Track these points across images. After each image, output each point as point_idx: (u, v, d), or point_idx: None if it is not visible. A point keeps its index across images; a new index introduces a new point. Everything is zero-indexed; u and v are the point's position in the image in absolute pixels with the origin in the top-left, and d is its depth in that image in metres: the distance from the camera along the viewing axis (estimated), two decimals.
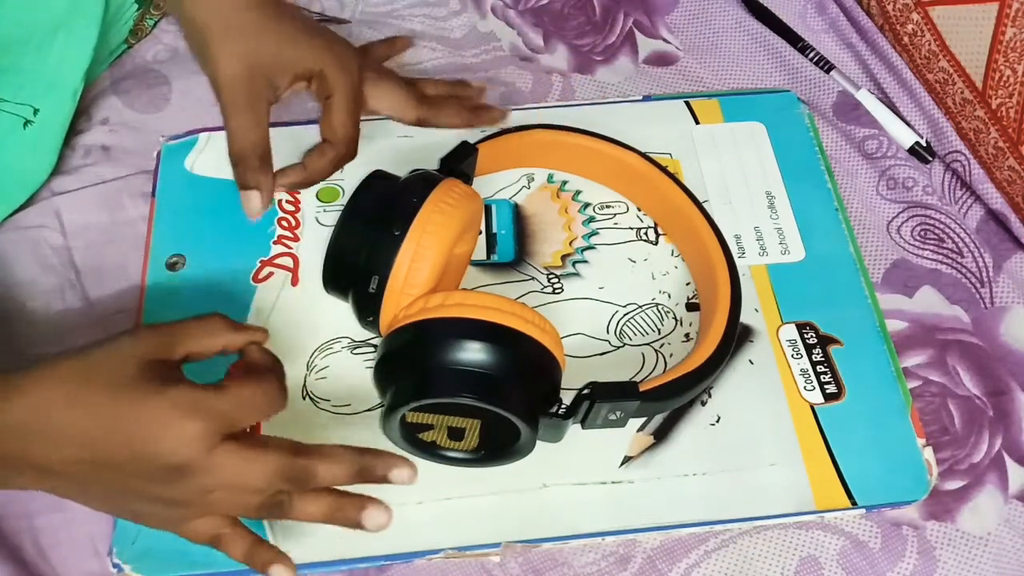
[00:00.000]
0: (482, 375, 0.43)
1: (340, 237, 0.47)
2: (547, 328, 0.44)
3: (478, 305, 0.43)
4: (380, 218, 0.46)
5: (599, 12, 0.68)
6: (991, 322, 0.55)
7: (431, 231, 0.45)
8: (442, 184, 0.47)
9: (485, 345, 0.42)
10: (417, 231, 0.45)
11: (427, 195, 0.46)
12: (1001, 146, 0.59)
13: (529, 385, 0.44)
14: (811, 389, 0.51)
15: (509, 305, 0.44)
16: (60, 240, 0.56)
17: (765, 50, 0.66)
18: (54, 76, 0.56)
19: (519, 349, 0.43)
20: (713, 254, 0.51)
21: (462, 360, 0.43)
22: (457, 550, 0.46)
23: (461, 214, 0.47)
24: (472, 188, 0.49)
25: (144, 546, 0.46)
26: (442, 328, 0.43)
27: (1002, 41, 0.56)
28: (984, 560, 0.48)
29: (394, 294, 0.45)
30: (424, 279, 0.45)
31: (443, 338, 0.43)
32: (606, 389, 0.45)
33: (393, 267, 0.45)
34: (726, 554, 0.48)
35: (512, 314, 0.43)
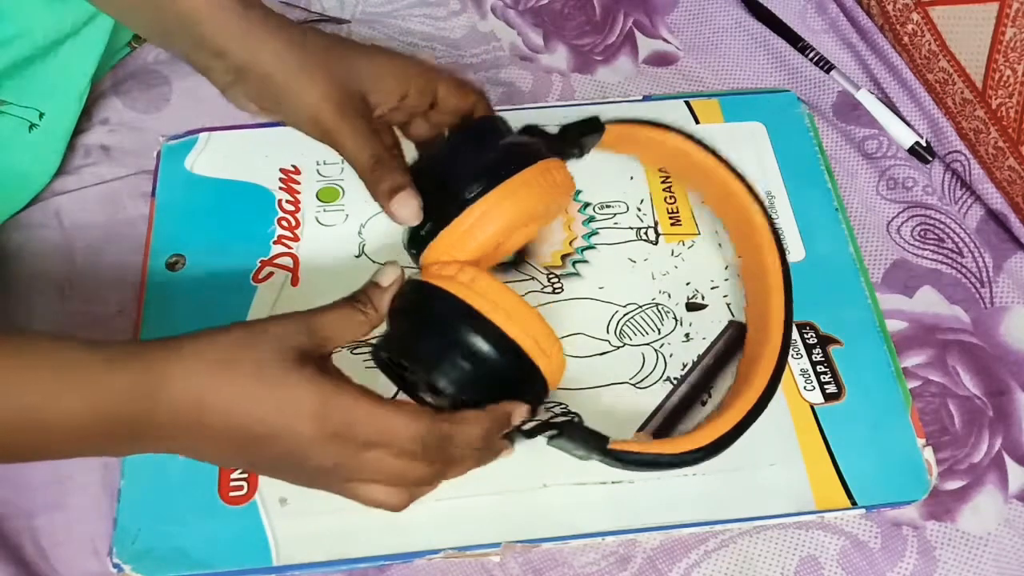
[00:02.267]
0: (464, 370, 0.42)
1: (434, 163, 0.46)
2: (551, 352, 0.43)
3: (495, 303, 0.42)
4: (471, 166, 0.44)
5: (599, 12, 0.68)
6: (991, 322, 0.55)
7: (505, 207, 0.44)
8: (543, 164, 0.45)
9: (480, 343, 0.42)
10: (493, 200, 0.43)
11: (523, 166, 0.44)
12: (1001, 146, 0.59)
13: (503, 396, 0.42)
14: (811, 389, 0.51)
15: (523, 316, 0.42)
16: (60, 240, 0.56)
17: (765, 50, 0.66)
18: (60, 81, 0.56)
19: (509, 361, 0.42)
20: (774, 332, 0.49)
21: (451, 346, 0.42)
22: (457, 550, 0.46)
23: (544, 202, 0.45)
24: (570, 177, 0.47)
25: (144, 546, 0.46)
26: (452, 307, 0.42)
27: (1002, 41, 0.56)
28: (984, 560, 0.48)
29: (440, 247, 0.44)
30: (473, 248, 0.44)
31: (447, 317, 0.42)
32: (576, 432, 0.43)
33: (450, 224, 0.44)
34: (726, 554, 0.48)
35: (520, 327, 0.42)
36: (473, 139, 0.46)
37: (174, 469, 0.47)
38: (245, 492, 0.47)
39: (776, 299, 0.49)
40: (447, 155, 0.46)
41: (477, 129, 0.47)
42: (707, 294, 0.54)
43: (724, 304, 0.53)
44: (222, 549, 0.46)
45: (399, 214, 0.44)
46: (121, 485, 0.47)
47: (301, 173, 0.57)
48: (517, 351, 0.42)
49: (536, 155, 0.45)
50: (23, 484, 0.49)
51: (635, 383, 0.51)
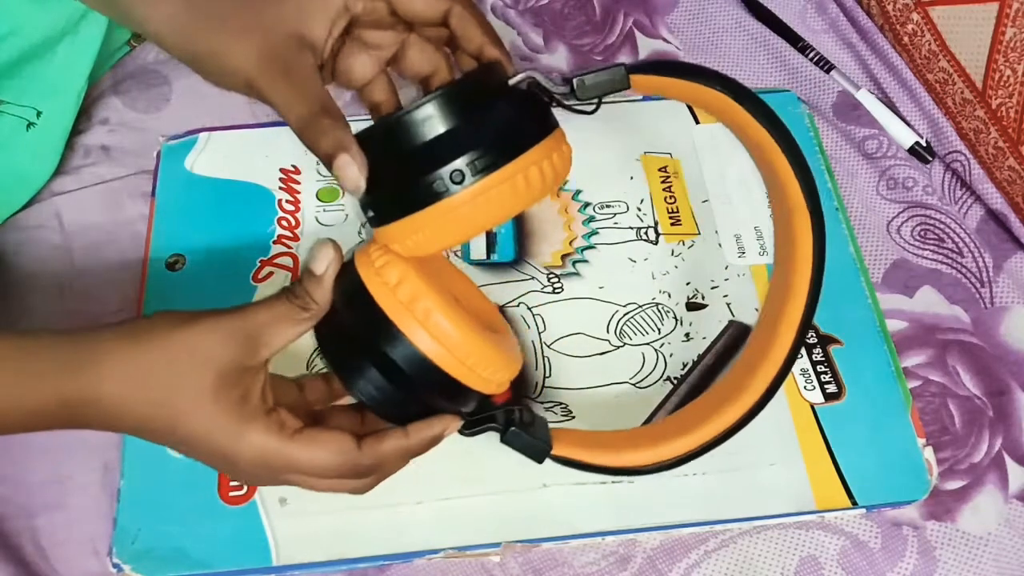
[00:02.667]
0: (379, 386, 0.39)
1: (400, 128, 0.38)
2: (477, 367, 0.39)
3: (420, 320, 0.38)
4: (442, 146, 0.37)
5: (599, 12, 0.68)
6: (991, 322, 0.55)
7: (476, 212, 0.37)
8: (535, 152, 0.38)
9: (397, 362, 0.38)
10: (464, 202, 0.37)
11: (510, 155, 0.37)
12: (1001, 146, 0.59)
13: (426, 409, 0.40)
14: (811, 389, 0.51)
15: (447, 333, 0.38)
16: (60, 240, 0.56)
17: (765, 50, 0.66)
18: (58, 80, 0.56)
19: (428, 380, 0.39)
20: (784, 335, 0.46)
21: (368, 360, 0.39)
22: (457, 550, 0.46)
23: (527, 203, 0.39)
24: (568, 158, 0.40)
25: (144, 546, 0.46)
26: (373, 320, 0.38)
27: (1002, 41, 0.56)
28: (984, 560, 0.48)
29: (392, 232, 0.39)
30: (432, 248, 0.39)
31: (368, 331, 0.39)
32: (516, 441, 0.42)
33: (406, 218, 0.38)
34: (726, 554, 0.48)
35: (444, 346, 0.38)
36: (452, 103, 0.38)
37: (174, 469, 0.47)
38: (245, 492, 0.47)
39: (793, 309, 0.46)
40: (417, 120, 0.37)
41: (459, 89, 0.38)
42: (707, 294, 0.54)
43: (724, 304, 0.53)
44: (222, 549, 0.46)
45: (339, 182, 0.39)
46: (121, 485, 0.47)
47: (301, 173, 0.57)
48: (435, 371, 0.38)
49: (531, 134, 0.38)
50: (23, 484, 0.49)
51: (635, 383, 0.51)
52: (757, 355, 0.47)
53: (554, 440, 0.44)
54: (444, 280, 0.45)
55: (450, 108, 0.37)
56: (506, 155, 0.37)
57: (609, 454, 0.45)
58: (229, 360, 0.37)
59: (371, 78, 0.47)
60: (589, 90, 0.40)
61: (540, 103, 0.40)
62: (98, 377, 0.37)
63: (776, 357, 0.45)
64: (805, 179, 0.44)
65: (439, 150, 0.37)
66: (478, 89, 0.39)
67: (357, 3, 0.42)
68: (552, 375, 0.51)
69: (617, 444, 0.46)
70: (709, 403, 0.48)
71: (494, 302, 0.53)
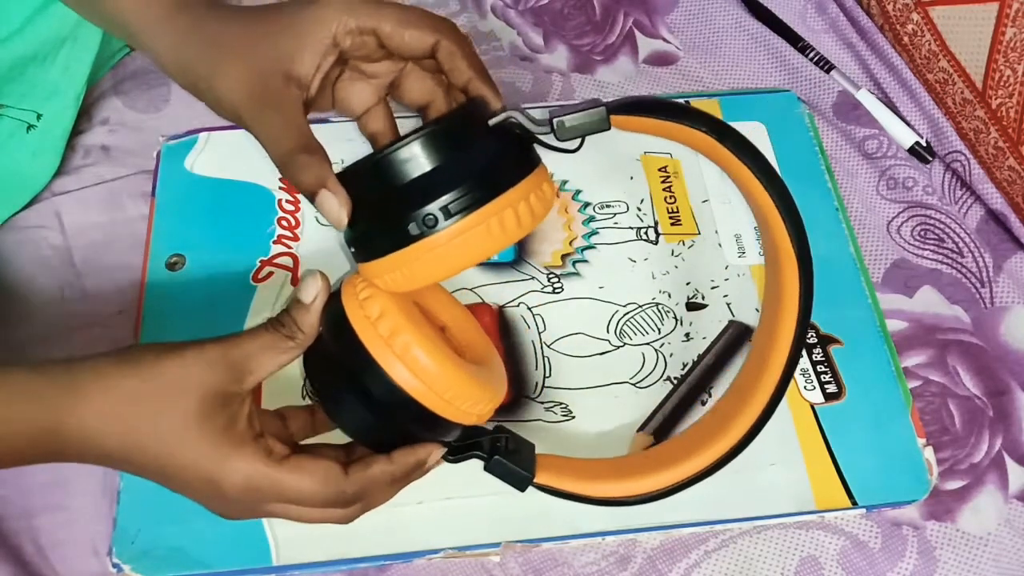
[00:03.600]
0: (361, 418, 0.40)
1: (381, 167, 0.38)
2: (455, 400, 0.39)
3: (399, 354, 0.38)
4: (421, 188, 0.37)
5: (599, 12, 0.68)
6: (991, 322, 0.55)
7: (455, 254, 0.38)
8: (515, 192, 0.38)
9: (375, 395, 0.39)
10: (441, 244, 0.37)
11: (488, 196, 0.37)
12: (1001, 146, 0.59)
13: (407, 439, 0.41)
14: (811, 389, 0.51)
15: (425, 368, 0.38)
16: (60, 240, 0.56)
17: (765, 50, 0.66)
18: (58, 83, 0.56)
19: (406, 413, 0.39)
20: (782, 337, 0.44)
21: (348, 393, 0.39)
22: (457, 550, 0.46)
23: (508, 242, 0.39)
24: (552, 194, 0.41)
25: (144, 546, 0.46)
26: (355, 355, 0.38)
27: (1002, 41, 0.56)
28: (984, 560, 0.48)
29: (374, 269, 0.39)
30: (411, 285, 0.39)
31: (349, 364, 0.39)
32: (497, 469, 0.42)
33: (386, 257, 0.38)
34: (726, 554, 0.48)
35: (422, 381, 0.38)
36: (431, 145, 0.38)
37: None
38: None
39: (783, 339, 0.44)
40: (395, 162, 0.38)
41: (438, 130, 0.39)
42: (707, 294, 0.54)
43: (724, 304, 0.53)
44: (222, 549, 0.46)
45: (327, 217, 0.40)
46: (121, 485, 0.47)
47: None
48: (414, 404, 0.39)
49: (507, 176, 0.38)
50: (23, 484, 0.49)
51: (635, 383, 0.51)
52: (744, 393, 0.46)
53: (539, 468, 0.43)
54: (434, 310, 0.45)
55: (429, 149, 0.38)
56: (481, 199, 0.37)
57: (594, 484, 0.45)
58: (214, 387, 0.37)
59: (370, 107, 0.48)
60: (569, 131, 0.40)
61: (521, 141, 0.40)
62: (79, 408, 0.37)
63: (759, 401, 0.45)
64: (792, 221, 0.43)
65: (416, 192, 0.37)
66: (458, 130, 0.39)
67: (346, 38, 0.43)
68: (552, 375, 0.51)
69: (603, 474, 0.45)
70: (696, 435, 0.47)
71: (494, 303, 0.53)
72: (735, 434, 0.44)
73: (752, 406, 0.45)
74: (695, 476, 0.44)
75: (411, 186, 0.38)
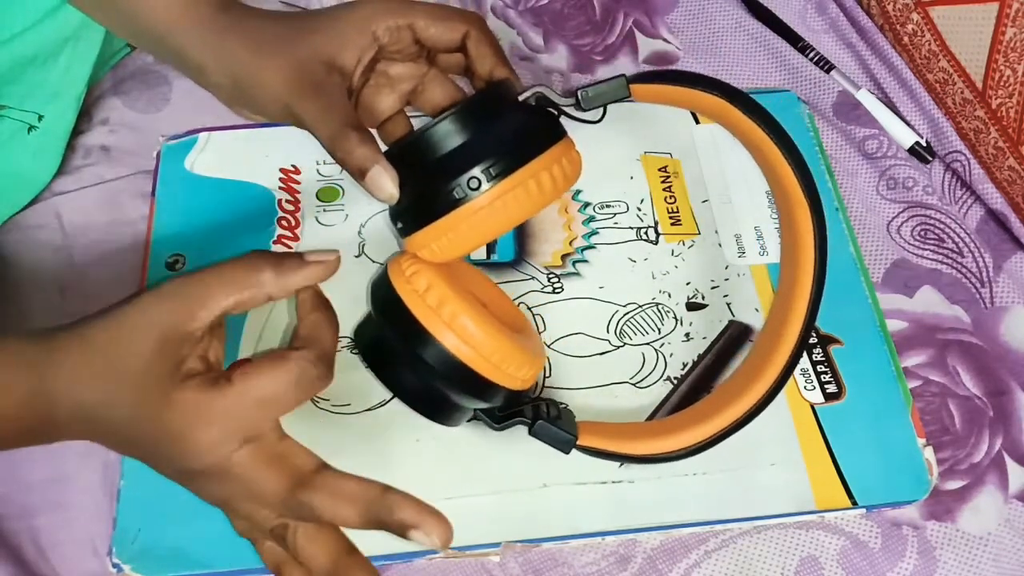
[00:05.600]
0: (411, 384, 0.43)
1: (423, 143, 0.41)
2: (503, 365, 0.42)
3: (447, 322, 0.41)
4: (461, 156, 0.40)
5: (599, 12, 0.68)
6: (991, 322, 0.55)
7: (494, 215, 0.41)
8: (545, 157, 0.41)
9: (426, 362, 0.41)
10: (482, 206, 0.40)
11: (521, 161, 0.40)
12: (1001, 146, 0.59)
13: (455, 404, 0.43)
14: (811, 389, 0.51)
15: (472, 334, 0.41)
16: (60, 240, 0.56)
17: (765, 50, 0.66)
18: (59, 84, 0.56)
19: (456, 379, 0.41)
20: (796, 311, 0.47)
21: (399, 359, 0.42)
22: (457, 550, 0.46)
23: (543, 204, 0.42)
24: (578, 161, 0.44)
25: (144, 546, 0.46)
26: (404, 323, 0.41)
27: (1002, 41, 0.56)
28: (984, 560, 0.48)
29: (419, 240, 0.42)
30: (456, 251, 0.42)
31: (398, 332, 0.42)
32: (542, 433, 0.44)
33: (431, 225, 0.41)
34: (726, 554, 0.48)
35: (470, 346, 0.41)
36: (468, 119, 0.42)
37: None
38: None
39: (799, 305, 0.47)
40: (437, 135, 0.41)
41: (473, 105, 0.42)
42: (707, 294, 0.54)
43: (724, 304, 0.53)
44: (222, 549, 0.46)
45: (373, 194, 0.42)
46: (121, 485, 0.47)
47: (301, 173, 0.57)
48: (463, 369, 0.41)
49: (540, 142, 0.42)
50: (23, 483, 0.49)
51: (635, 383, 0.51)
52: (771, 342, 0.48)
53: (580, 431, 0.45)
54: (472, 286, 0.47)
55: (465, 123, 0.41)
56: (518, 162, 0.40)
57: (634, 443, 0.46)
58: (168, 325, 0.37)
59: (392, 114, 0.50)
60: (592, 100, 0.44)
61: (548, 114, 0.43)
62: (56, 363, 0.37)
63: (789, 340, 0.47)
64: (803, 175, 0.47)
65: (457, 161, 0.40)
66: (490, 105, 0.43)
67: (385, 34, 0.45)
68: (552, 375, 0.51)
69: (641, 434, 0.47)
70: (727, 391, 0.48)
71: None
72: (765, 383, 0.46)
73: (778, 355, 0.46)
74: (729, 428, 0.46)
75: (453, 156, 0.41)
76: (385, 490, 0.38)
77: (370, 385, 0.47)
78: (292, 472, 0.38)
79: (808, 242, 0.47)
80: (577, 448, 0.45)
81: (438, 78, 0.50)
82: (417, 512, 0.37)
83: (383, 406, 0.49)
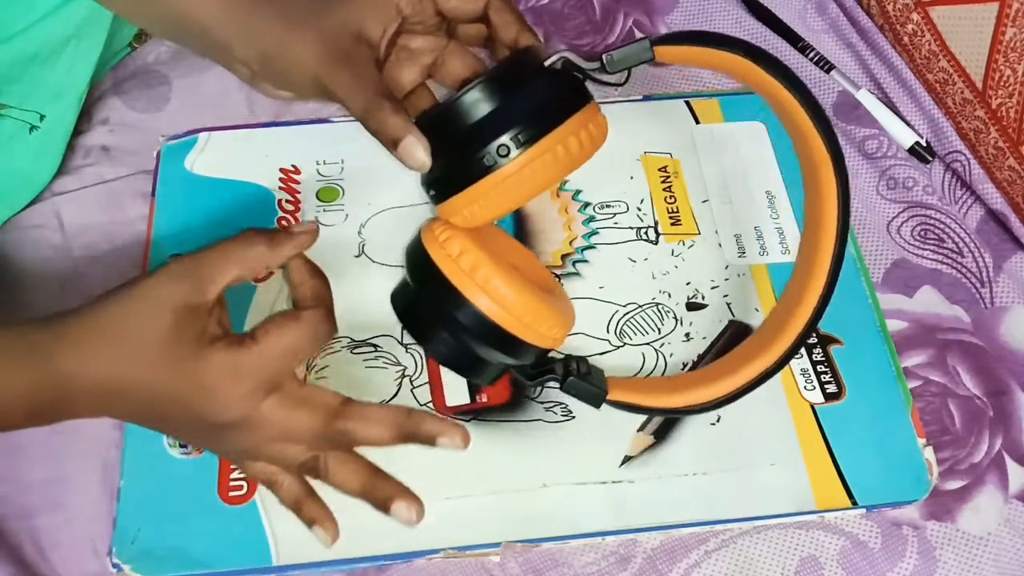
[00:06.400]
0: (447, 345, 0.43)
1: (452, 112, 0.41)
2: (535, 325, 0.43)
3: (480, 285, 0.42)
4: (491, 123, 0.41)
5: (599, 12, 0.68)
6: (991, 322, 0.55)
7: (526, 179, 0.41)
8: (573, 121, 0.41)
9: (460, 322, 0.42)
10: (513, 171, 0.40)
11: (550, 126, 0.41)
12: (1001, 146, 0.59)
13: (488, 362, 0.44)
14: (811, 389, 0.51)
15: (505, 295, 0.42)
16: (60, 240, 0.56)
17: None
18: (61, 84, 0.56)
19: (491, 339, 0.43)
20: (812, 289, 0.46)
21: (435, 321, 0.43)
22: (457, 550, 0.46)
23: (572, 167, 0.42)
24: (604, 124, 0.44)
25: (144, 546, 0.46)
26: (437, 285, 0.42)
27: (1002, 41, 0.56)
28: (984, 560, 0.48)
29: (452, 206, 0.42)
30: (488, 216, 0.42)
31: (433, 294, 0.43)
32: (572, 389, 0.45)
33: (464, 191, 0.41)
34: (726, 554, 0.48)
35: (503, 307, 0.42)
36: (496, 87, 0.42)
37: (174, 469, 0.47)
38: (245, 492, 0.47)
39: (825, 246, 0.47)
40: (467, 104, 0.42)
41: (501, 73, 0.42)
42: (707, 294, 0.54)
43: (724, 304, 0.53)
44: (222, 549, 0.46)
45: (405, 163, 0.42)
46: (121, 485, 0.47)
47: (301, 173, 0.57)
48: (496, 329, 0.42)
49: (567, 107, 0.42)
50: (23, 484, 0.49)
51: None
52: (793, 298, 0.47)
53: (610, 387, 0.45)
54: (503, 250, 0.48)
55: (493, 91, 0.41)
56: (546, 128, 0.41)
57: (662, 396, 0.46)
58: (182, 300, 0.39)
59: (415, 87, 0.50)
60: (617, 64, 0.43)
61: (574, 80, 0.43)
62: (69, 341, 0.38)
63: (812, 294, 0.46)
64: (827, 133, 0.46)
65: (487, 129, 0.41)
66: (517, 72, 0.43)
67: (407, 5, 0.45)
68: None
69: (668, 388, 0.47)
70: (751, 347, 0.48)
71: None
72: (793, 332, 0.46)
73: (804, 307, 0.46)
74: (756, 380, 0.46)
75: (482, 124, 0.41)
76: (409, 411, 0.42)
77: (371, 384, 0.47)
78: (324, 407, 0.41)
79: (832, 197, 0.46)
80: (608, 403, 0.45)
81: (459, 50, 0.49)
82: (439, 424, 0.42)
83: None
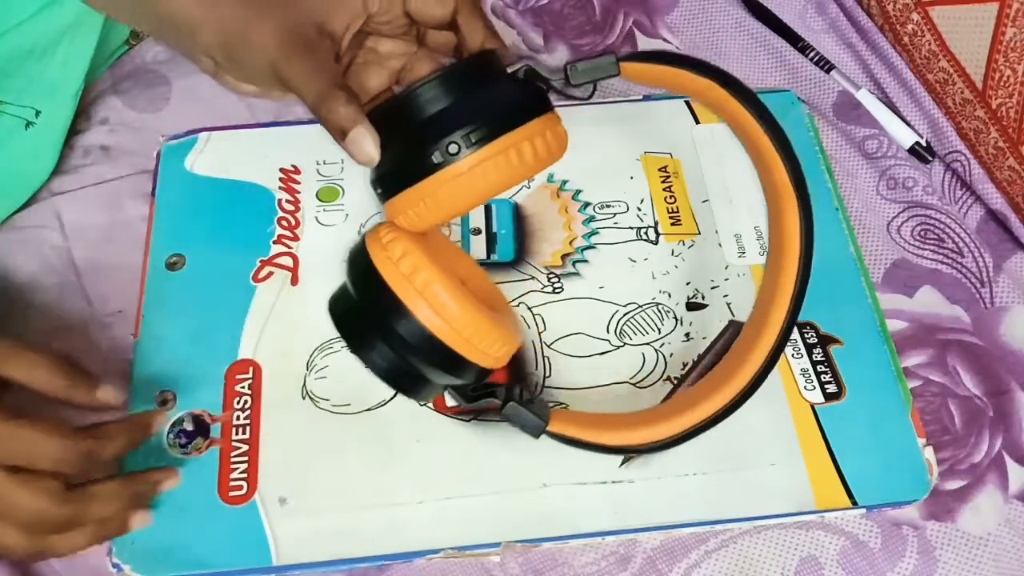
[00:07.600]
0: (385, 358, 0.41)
1: (404, 105, 0.40)
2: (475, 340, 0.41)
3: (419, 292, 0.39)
4: (443, 119, 0.39)
5: (599, 12, 0.68)
6: (991, 322, 0.55)
7: (473, 181, 0.39)
8: (529, 127, 0.40)
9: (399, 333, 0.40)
10: (462, 171, 0.39)
11: (505, 128, 0.39)
12: (1001, 146, 0.59)
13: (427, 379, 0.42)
14: (811, 389, 0.51)
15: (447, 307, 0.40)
16: (60, 240, 0.56)
17: (765, 50, 0.66)
18: (56, 80, 0.56)
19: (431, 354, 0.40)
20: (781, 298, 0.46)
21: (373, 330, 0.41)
22: (457, 550, 0.46)
23: (523, 175, 0.40)
24: (564, 136, 0.42)
25: (144, 546, 0.46)
26: (379, 292, 0.40)
27: (1002, 41, 0.56)
28: (984, 560, 0.48)
29: (398, 205, 0.40)
30: (434, 218, 0.41)
31: (374, 302, 0.41)
32: (515, 412, 0.43)
33: (410, 188, 0.39)
34: (726, 554, 0.48)
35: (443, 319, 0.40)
36: (452, 83, 0.40)
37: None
38: (245, 492, 0.47)
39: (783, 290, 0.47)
40: (420, 98, 0.40)
41: (459, 70, 0.41)
42: (707, 294, 0.54)
43: (724, 304, 0.53)
44: (222, 549, 0.46)
45: (353, 156, 0.41)
46: None
47: (301, 173, 0.57)
48: (434, 341, 0.40)
49: (524, 112, 0.40)
50: None
51: (635, 383, 0.51)
52: (750, 339, 0.47)
53: (553, 418, 0.44)
54: (451, 262, 0.46)
55: (449, 87, 0.40)
56: (499, 130, 0.39)
57: (606, 433, 0.45)
58: None
59: (382, 92, 0.49)
60: (581, 75, 0.42)
61: (535, 87, 0.42)
62: None
63: (767, 340, 0.46)
64: (790, 162, 0.46)
65: (438, 125, 0.39)
66: (476, 72, 0.41)
67: (374, 3, 0.44)
68: (552, 375, 0.51)
69: (616, 425, 0.46)
70: (704, 387, 0.48)
71: None
72: (745, 376, 0.45)
73: (758, 351, 0.45)
74: (705, 422, 0.45)
75: (434, 119, 0.39)
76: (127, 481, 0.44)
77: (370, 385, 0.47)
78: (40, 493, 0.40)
79: (794, 230, 0.46)
80: (547, 434, 0.44)
81: (427, 57, 0.49)
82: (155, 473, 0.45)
83: (383, 406, 0.49)
